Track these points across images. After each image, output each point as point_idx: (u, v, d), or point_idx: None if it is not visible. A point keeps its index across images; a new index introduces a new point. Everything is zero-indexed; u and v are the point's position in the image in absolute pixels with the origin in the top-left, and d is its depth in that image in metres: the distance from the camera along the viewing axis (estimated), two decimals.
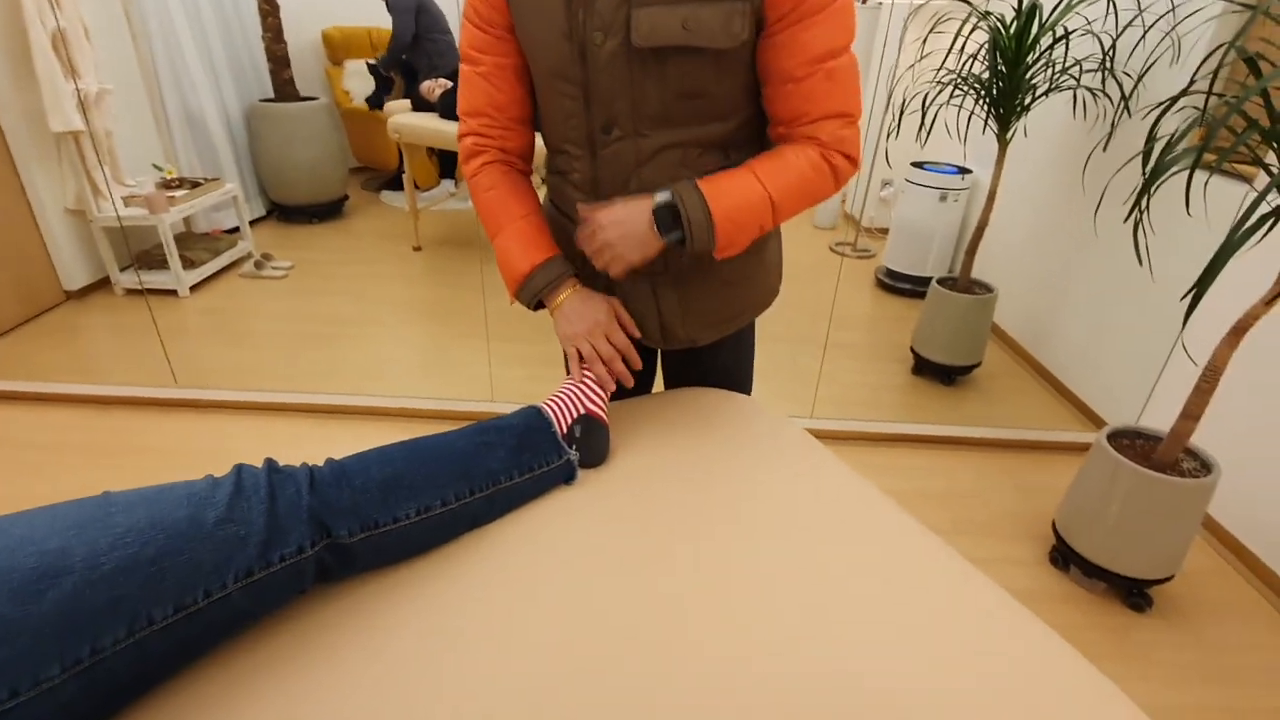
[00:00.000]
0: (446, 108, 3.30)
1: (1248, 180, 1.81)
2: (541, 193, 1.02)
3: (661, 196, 0.82)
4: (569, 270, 0.94)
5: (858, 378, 2.56)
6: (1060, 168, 2.48)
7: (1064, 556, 1.70)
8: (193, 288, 2.99)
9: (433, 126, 3.28)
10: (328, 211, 3.92)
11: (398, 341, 2.70)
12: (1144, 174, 1.50)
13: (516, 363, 2.49)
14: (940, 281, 2.48)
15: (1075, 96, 2.24)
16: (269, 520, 0.62)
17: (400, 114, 3.43)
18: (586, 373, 0.93)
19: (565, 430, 0.85)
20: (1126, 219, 1.36)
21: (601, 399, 0.91)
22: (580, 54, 0.79)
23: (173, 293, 2.93)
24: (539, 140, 0.98)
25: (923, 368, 2.59)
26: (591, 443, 0.86)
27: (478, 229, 3.91)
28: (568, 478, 0.84)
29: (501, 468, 0.78)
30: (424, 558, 0.73)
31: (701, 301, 0.97)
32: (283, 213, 3.86)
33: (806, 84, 0.79)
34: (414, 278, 3.32)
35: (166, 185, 2.94)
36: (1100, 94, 2.12)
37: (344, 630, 0.65)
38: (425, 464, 0.73)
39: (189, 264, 2.98)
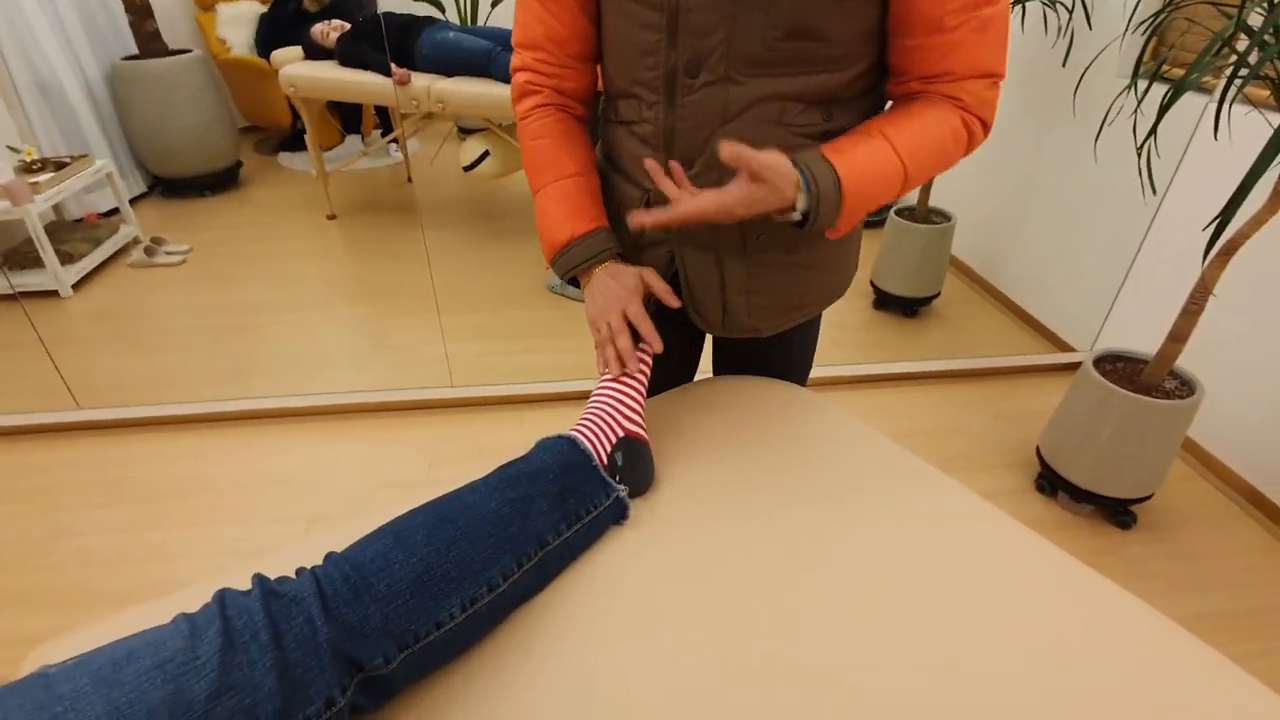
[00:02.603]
0: (346, 54, 2.93)
1: (1207, 92, 1.80)
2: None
3: (801, 199, 0.68)
4: (613, 247, 0.82)
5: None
6: (1011, 87, 2.43)
7: (1051, 483, 1.73)
8: (75, 285, 2.60)
9: (332, 76, 2.91)
10: (220, 182, 3.48)
11: (330, 327, 2.45)
12: (1134, 91, 1.45)
13: (473, 337, 2.30)
14: (898, 212, 2.43)
15: (1024, 10, 2.17)
16: (281, 675, 0.46)
17: (293, 64, 3.03)
18: (609, 387, 0.80)
19: (605, 460, 0.72)
20: (1140, 147, 1.31)
21: (638, 410, 0.78)
22: None
23: (53, 294, 2.53)
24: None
25: (884, 301, 2.57)
26: (636, 468, 0.74)
27: (401, 189, 3.58)
28: (619, 517, 0.72)
29: (548, 525, 0.64)
30: (467, 657, 0.60)
31: (771, 282, 0.84)
32: (167, 187, 3.39)
33: (956, 35, 0.65)
34: (334, 251, 3.01)
35: (27, 169, 2.49)
36: (1058, 4, 2.05)
37: None
38: (458, 543, 0.59)
39: (67, 258, 2.58)
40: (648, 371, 0.82)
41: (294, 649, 0.48)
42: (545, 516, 0.64)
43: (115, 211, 2.93)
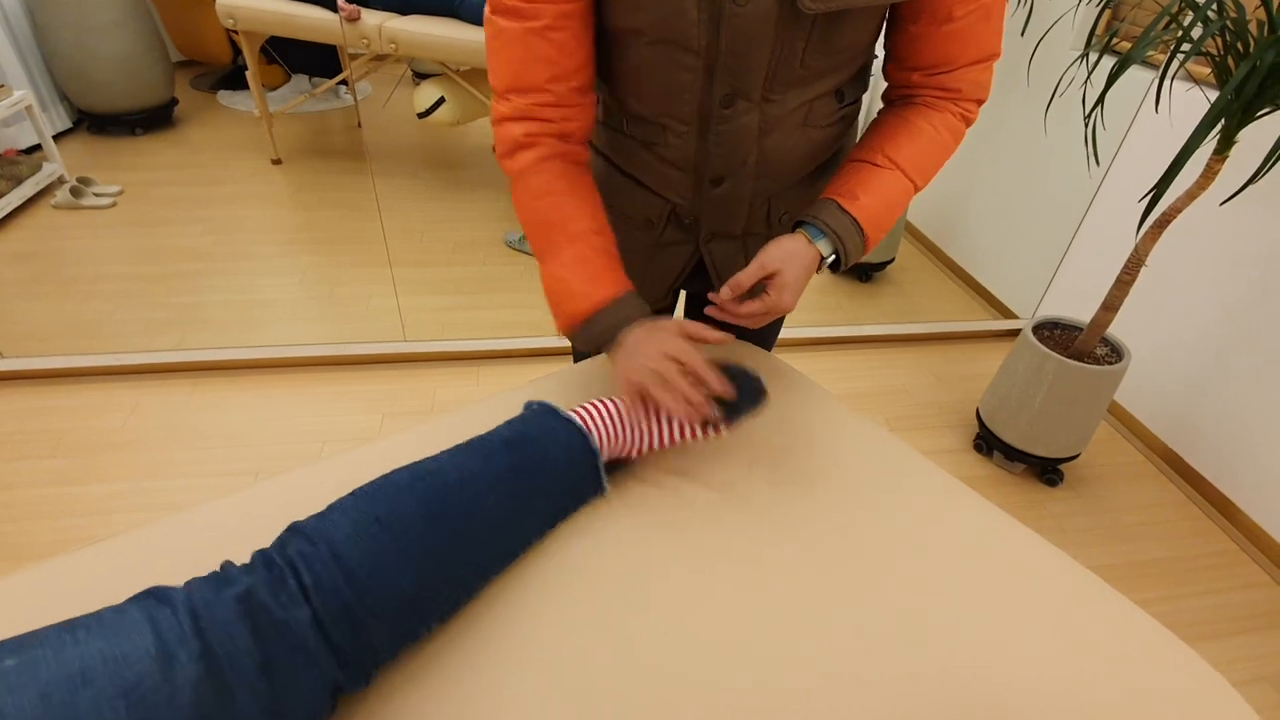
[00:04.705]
0: None
1: (1154, 67, 1.84)
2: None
3: (823, 246, 0.72)
4: (643, 310, 0.73)
5: None
6: None
7: (988, 443, 1.81)
8: None
9: (277, 9, 2.74)
10: (153, 119, 3.27)
11: (274, 277, 2.36)
12: (1085, 63, 1.47)
13: (427, 291, 2.25)
14: None
15: None
16: (264, 709, 0.42)
17: None
18: (671, 428, 0.73)
19: (605, 460, 0.70)
20: (1087, 117, 1.34)
21: (650, 450, 0.73)
22: (713, 18, 0.62)
23: None
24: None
25: None
26: (614, 467, 0.73)
27: (351, 134, 3.43)
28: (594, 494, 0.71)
29: (537, 527, 0.63)
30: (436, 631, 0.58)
31: None
32: (95, 123, 3.17)
33: (963, 23, 0.66)
34: (279, 198, 2.88)
35: None
36: None
37: None
38: (452, 553, 0.54)
39: None
40: (701, 439, 0.74)
41: (284, 682, 0.44)
42: (538, 518, 0.63)
43: (37, 148, 2.73)
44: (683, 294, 1.04)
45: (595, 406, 0.70)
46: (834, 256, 0.73)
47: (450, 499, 0.56)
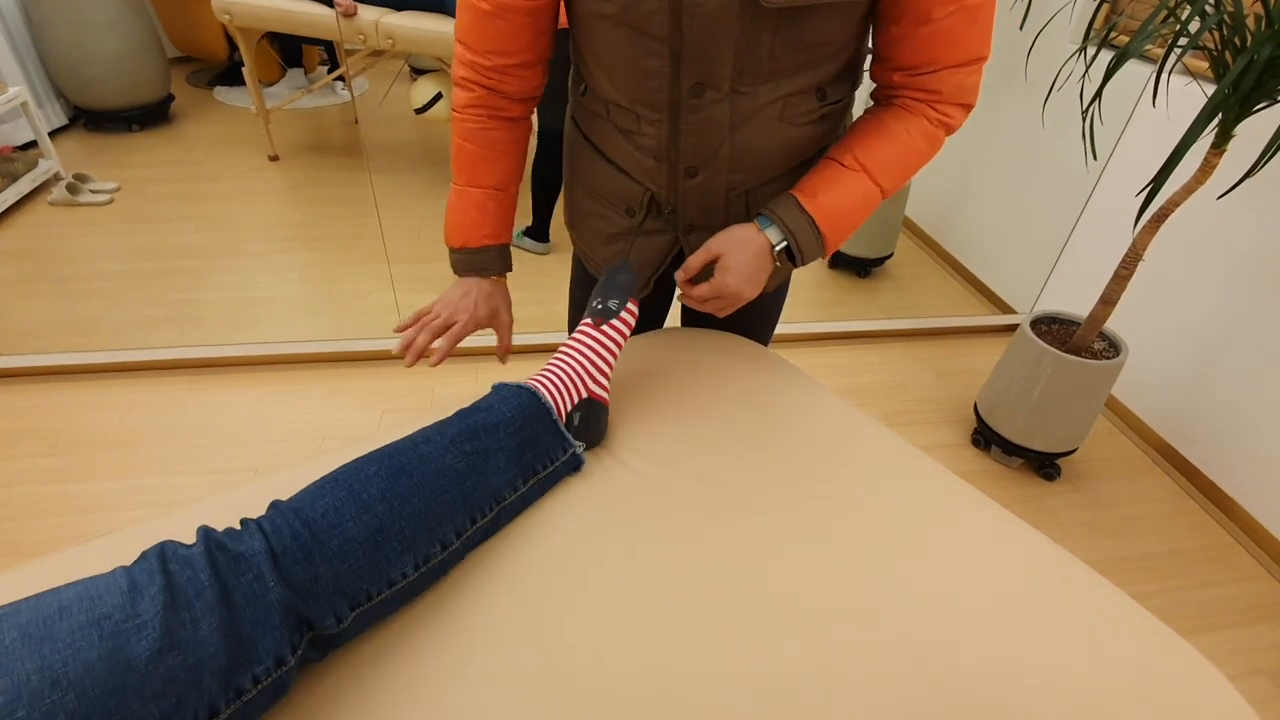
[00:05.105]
0: None
1: (1152, 61, 1.84)
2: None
3: (772, 234, 0.74)
4: (500, 269, 0.89)
5: None
6: None
7: (985, 438, 1.82)
8: None
9: (271, 4, 2.73)
10: (149, 116, 3.27)
11: (272, 274, 2.35)
12: (1084, 57, 1.47)
13: (426, 287, 2.25)
14: None
15: None
16: (227, 634, 0.45)
17: None
18: (587, 340, 0.77)
19: (565, 417, 0.71)
20: (1085, 111, 1.33)
21: (606, 372, 0.76)
22: (674, 5, 0.64)
23: None
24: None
25: (838, 261, 2.61)
26: (591, 427, 0.74)
27: (348, 130, 3.42)
28: (574, 469, 0.72)
29: (504, 481, 0.64)
30: (411, 607, 0.60)
31: None
32: (91, 119, 3.16)
33: (944, 24, 0.66)
34: (277, 195, 2.88)
35: None
36: None
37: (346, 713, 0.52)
38: (413, 499, 0.57)
39: None
40: (627, 332, 0.80)
41: (243, 608, 0.47)
42: (502, 472, 0.64)
43: (33, 144, 2.73)
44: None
45: (544, 370, 0.75)
46: (784, 244, 0.74)
47: (405, 456, 0.60)
